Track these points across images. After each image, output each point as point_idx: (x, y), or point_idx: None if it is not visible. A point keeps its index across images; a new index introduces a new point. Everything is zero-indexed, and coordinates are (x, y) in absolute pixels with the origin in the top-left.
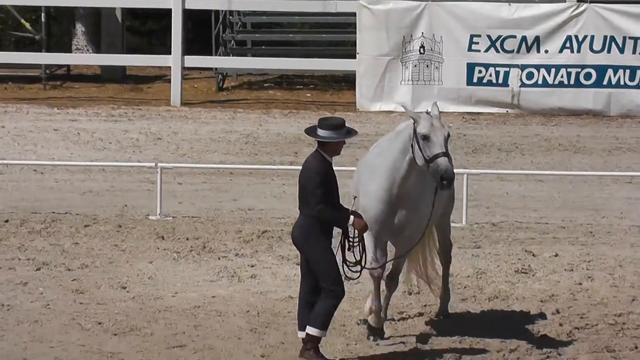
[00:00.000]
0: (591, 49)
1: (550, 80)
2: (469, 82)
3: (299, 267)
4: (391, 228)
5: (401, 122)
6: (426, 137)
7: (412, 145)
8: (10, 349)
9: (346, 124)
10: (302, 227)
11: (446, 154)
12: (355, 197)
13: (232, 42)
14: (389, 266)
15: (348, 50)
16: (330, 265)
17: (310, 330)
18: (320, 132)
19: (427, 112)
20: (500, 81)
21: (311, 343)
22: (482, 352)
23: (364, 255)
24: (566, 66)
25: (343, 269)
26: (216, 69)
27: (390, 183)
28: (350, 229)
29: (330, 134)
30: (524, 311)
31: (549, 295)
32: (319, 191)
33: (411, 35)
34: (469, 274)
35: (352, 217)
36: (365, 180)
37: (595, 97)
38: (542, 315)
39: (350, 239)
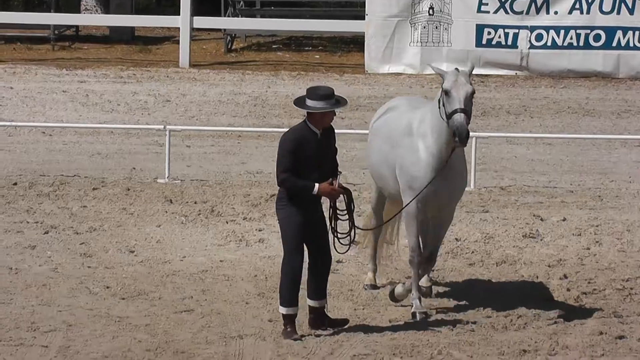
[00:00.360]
0: (601, 10)
1: (559, 42)
2: (478, 43)
3: None
4: (441, 200)
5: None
6: (447, 93)
7: (439, 101)
8: (19, 312)
9: (335, 93)
10: (276, 196)
11: (464, 110)
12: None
13: (241, 2)
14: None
15: (357, 11)
16: (288, 236)
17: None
18: (309, 102)
19: (456, 69)
20: (509, 43)
21: (284, 321)
22: (489, 316)
23: (353, 228)
24: (575, 27)
25: (333, 242)
26: (225, 30)
27: (439, 149)
28: (340, 200)
29: (317, 104)
30: (531, 276)
31: (556, 260)
32: (285, 160)
33: None
34: (476, 239)
35: (316, 185)
36: (405, 146)
37: (604, 59)
38: (549, 280)
39: (339, 211)
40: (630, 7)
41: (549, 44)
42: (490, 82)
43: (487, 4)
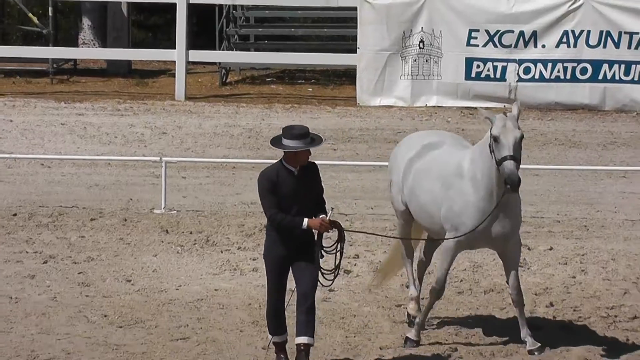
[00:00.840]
0: (587, 44)
1: (547, 74)
2: (467, 76)
3: None
4: (494, 240)
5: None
6: (496, 139)
7: (489, 145)
8: (19, 340)
9: (311, 132)
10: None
11: (514, 157)
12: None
13: (236, 36)
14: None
15: (349, 44)
16: (267, 271)
17: None
18: (284, 141)
19: (504, 113)
20: (497, 76)
21: (274, 348)
22: (477, 344)
23: (340, 261)
24: (562, 61)
25: (318, 276)
26: (220, 63)
27: (489, 193)
28: (326, 238)
29: (291, 143)
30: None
31: (543, 289)
32: (266, 199)
33: (411, 30)
34: (465, 267)
35: (305, 220)
36: (455, 188)
37: (591, 91)
38: (536, 308)
39: (326, 248)
40: (616, 40)
41: (536, 77)
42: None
43: (476, 38)
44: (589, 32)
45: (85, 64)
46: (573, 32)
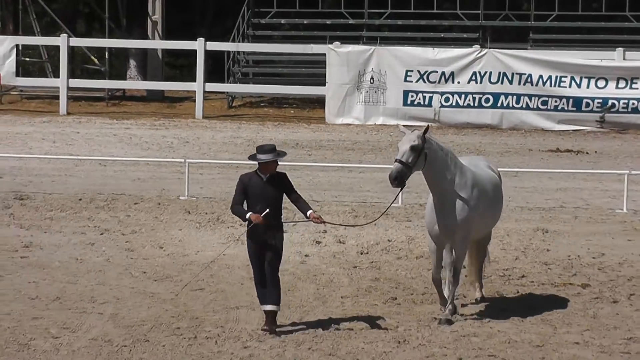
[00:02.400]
0: (489, 81)
1: (461, 102)
2: (405, 103)
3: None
4: (437, 232)
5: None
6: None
7: None
8: (82, 289)
9: (277, 148)
10: None
11: (399, 160)
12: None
13: (239, 73)
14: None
15: (320, 80)
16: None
17: None
18: (258, 155)
19: (414, 129)
20: (426, 103)
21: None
22: (411, 294)
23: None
24: (472, 93)
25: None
26: (227, 92)
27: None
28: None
29: (262, 157)
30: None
31: None
32: (235, 195)
33: (364, 70)
34: (402, 240)
35: (249, 213)
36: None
37: (492, 115)
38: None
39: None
40: (510, 79)
41: (454, 104)
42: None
43: (411, 76)
44: (490, 72)
45: (131, 92)
46: (480, 72)
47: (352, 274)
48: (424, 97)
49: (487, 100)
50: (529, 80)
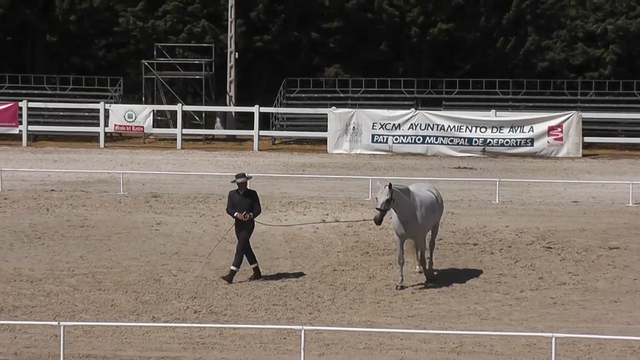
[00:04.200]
0: (420, 129)
1: (404, 141)
2: (372, 141)
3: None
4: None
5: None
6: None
7: None
8: (190, 249)
9: (246, 174)
10: None
11: (378, 208)
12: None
13: (278, 124)
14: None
15: (324, 128)
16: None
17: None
18: (236, 179)
19: (385, 186)
20: (385, 141)
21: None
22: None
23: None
24: (410, 135)
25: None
26: (271, 136)
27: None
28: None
29: (237, 180)
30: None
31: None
32: (228, 203)
33: (349, 122)
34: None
35: (236, 213)
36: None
37: (422, 148)
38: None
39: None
40: (432, 127)
41: (400, 142)
42: (377, 158)
43: (376, 126)
44: (420, 124)
45: (218, 137)
46: (414, 124)
47: (343, 239)
48: (384, 138)
49: (419, 139)
50: (442, 127)
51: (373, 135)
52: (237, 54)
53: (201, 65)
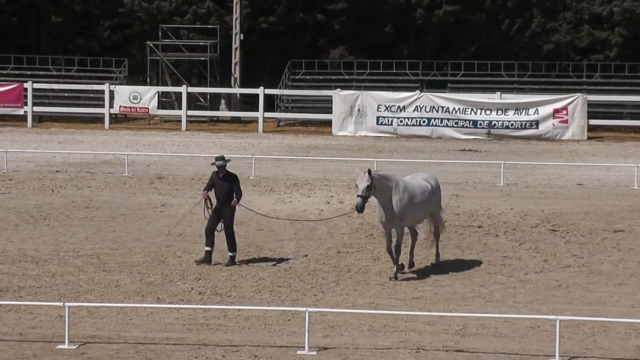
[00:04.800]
0: (425, 111)
1: (409, 123)
2: (377, 123)
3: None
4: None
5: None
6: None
7: None
8: (195, 230)
9: (225, 157)
10: None
11: (360, 195)
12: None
13: (283, 106)
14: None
15: (329, 110)
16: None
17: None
18: (215, 162)
19: (365, 172)
20: (389, 123)
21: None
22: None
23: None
24: (415, 117)
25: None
26: (276, 117)
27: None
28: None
29: (217, 163)
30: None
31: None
32: (207, 183)
33: (354, 104)
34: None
35: (204, 192)
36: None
37: (426, 130)
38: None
39: (209, 204)
40: (437, 110)
41: (405, 124)
42: (382, 139)
43: (381, 108)
44: (425, 106)
45: (222, 118)
46: (419, 106)
47: (348, 220)
48: (388, 120)
49: (424, 121)
50: (447, 110)
51: (378, 118)
52: (242, 35)
53: (206, 47)
